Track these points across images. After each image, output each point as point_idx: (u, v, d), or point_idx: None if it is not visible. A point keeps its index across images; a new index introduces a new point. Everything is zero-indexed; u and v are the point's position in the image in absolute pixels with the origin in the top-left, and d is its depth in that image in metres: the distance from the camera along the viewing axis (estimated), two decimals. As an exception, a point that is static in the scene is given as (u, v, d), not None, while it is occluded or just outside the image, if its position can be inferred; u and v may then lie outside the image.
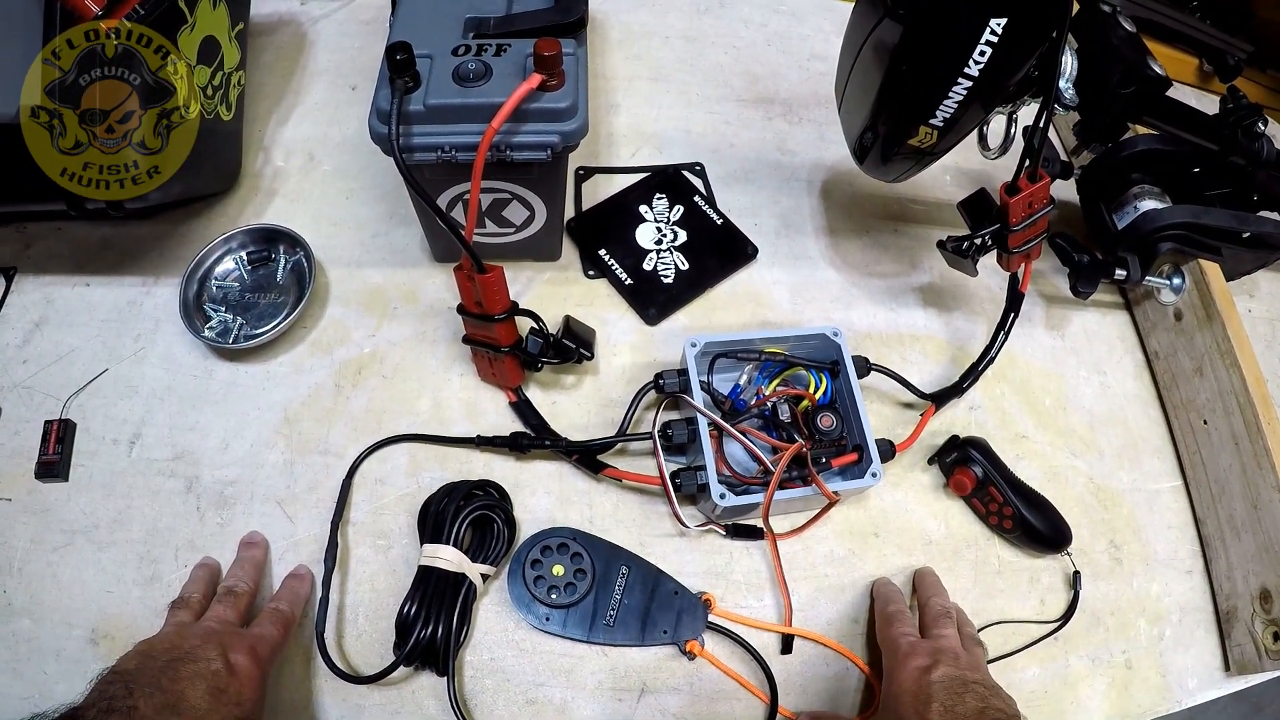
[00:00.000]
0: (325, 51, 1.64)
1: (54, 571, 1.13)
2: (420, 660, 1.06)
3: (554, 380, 1.27)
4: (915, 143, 1.09)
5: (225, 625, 1.00)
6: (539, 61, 0.99)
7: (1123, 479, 1.32)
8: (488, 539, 1.11)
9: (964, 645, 1.04)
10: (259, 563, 1.12)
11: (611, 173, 1.49)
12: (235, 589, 1.06)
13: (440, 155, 1.04)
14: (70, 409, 1.23)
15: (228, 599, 1.04)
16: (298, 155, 1.49)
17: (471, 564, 1.07)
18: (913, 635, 1.05)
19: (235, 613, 1.03)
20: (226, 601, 1.04)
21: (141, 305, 1.32)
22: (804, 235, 1.46)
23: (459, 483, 1.15)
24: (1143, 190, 1.38)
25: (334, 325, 1.31)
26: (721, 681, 1.10)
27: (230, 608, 1.03)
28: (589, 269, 1.38)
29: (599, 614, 1.09)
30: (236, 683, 0.92)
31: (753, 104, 1.62)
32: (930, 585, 1.16)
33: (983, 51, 0.96)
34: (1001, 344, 1.28)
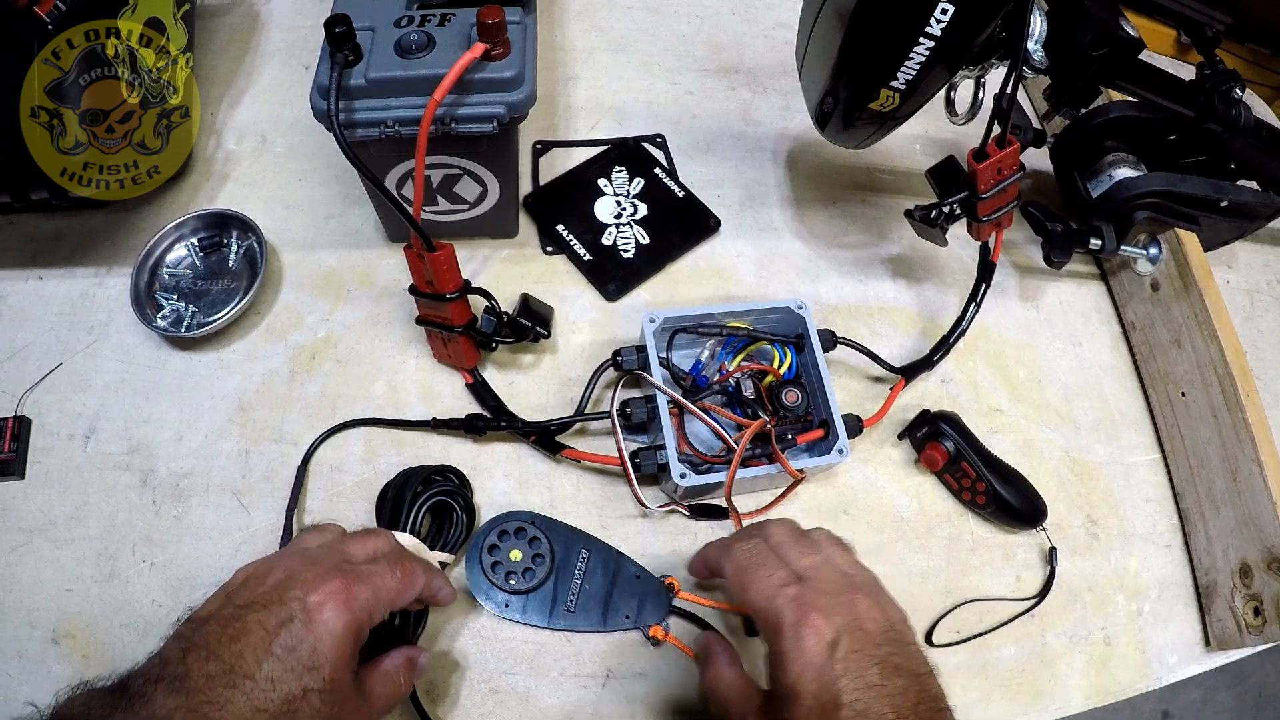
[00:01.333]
0: (278, 31, 1.61)
1: (13, 572, 1.12)
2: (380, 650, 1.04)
3: (511, 360, 1.26)
4: (877, 107, 1.07)
5: (330, 553, 0.86)
6: (482, 30, 0.97)
7: (1099, 452, 1.30)
8: (446, 526, 1.09)
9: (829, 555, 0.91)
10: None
11: (570, 146, 1.47)
12: (379, 531, 0.96)
13: (383, 130, 1.02)
14: (25, 405, 1.21)
15: (363, 533, 0.93)
16: (250, 138, 1.46)
17: (430, 551, 1.05)
18: (790, 582, 0.85)
19: (358, 546, 0.89)
20: (358, 535, 0.92)
21: (94, 296, 1.30)
22: (769, 206, 1.44)
23: (417, 468, 1.14)
24: (1117, 158, 1.37)
25: (287, 310, 1.29)
26: (688, 665, 1.08)
27: (357, 542, 0.89)
28: (547, 245, 1.36)
29: (559, 599, 1.07)
30: (311, 637, 0.76)
31: (716, 74, 1.60)
32: (758, 525, 0.99)
33: (944, 9, 0.93)
34: (973, 315, 1.26)
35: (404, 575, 0.86)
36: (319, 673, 0.74)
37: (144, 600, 1.10)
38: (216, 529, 1.14)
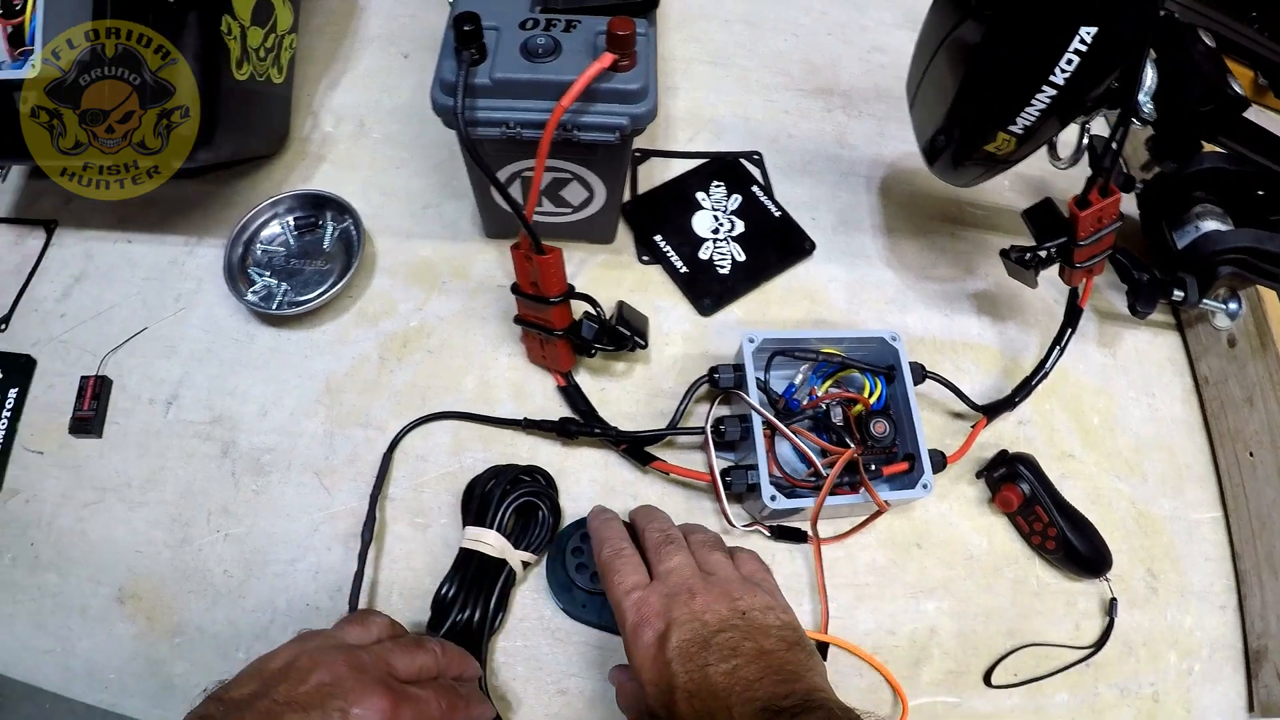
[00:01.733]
0: (377, 17, 1.62)
1: (83, 528, 1.13)
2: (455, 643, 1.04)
3: (604, 366, 1.26)
4: (992, 149, 1.07)
5: (379, 666, 0.83)
6: (612, 40, 0.96)
7: (1164, 506, 1.29)
8: (531, 526, 1.09)
9: (700, 558, 0.96)
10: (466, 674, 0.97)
11: (669, 156, 1.47)
12: (425, 643, 0.92)
13: (505, 131, 1.02)
14: (107, 366, 1.23)
15: (410, 645, 0.90)
16: (348, 122, 1.47)
17: (514, 550, 1.06)
18: (638, 587, 0.91)
19: (406, 660, 0.86)
20: (404, 646, 0.89)
21: (184, 265, 1.31)
22: (861, 232, 1.44)
23: (506, 466, 1.14)
24: (1205, 210, 1.36)
25: (380, 296, 1.30)
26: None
27: (404, 654, 0.87)
28: (643, 254, 1.36)
29: None
30: None
31: (812, 94, 1.60)
32: (644, 514, 1.05)
33: (1070, 60, 0.94)
34: (1056, 359, 1.26)
35: (449, 707, 0.86)
36: None
37: (215, 570, 1.11)
38: (295, 507, 1.14)
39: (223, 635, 1.07)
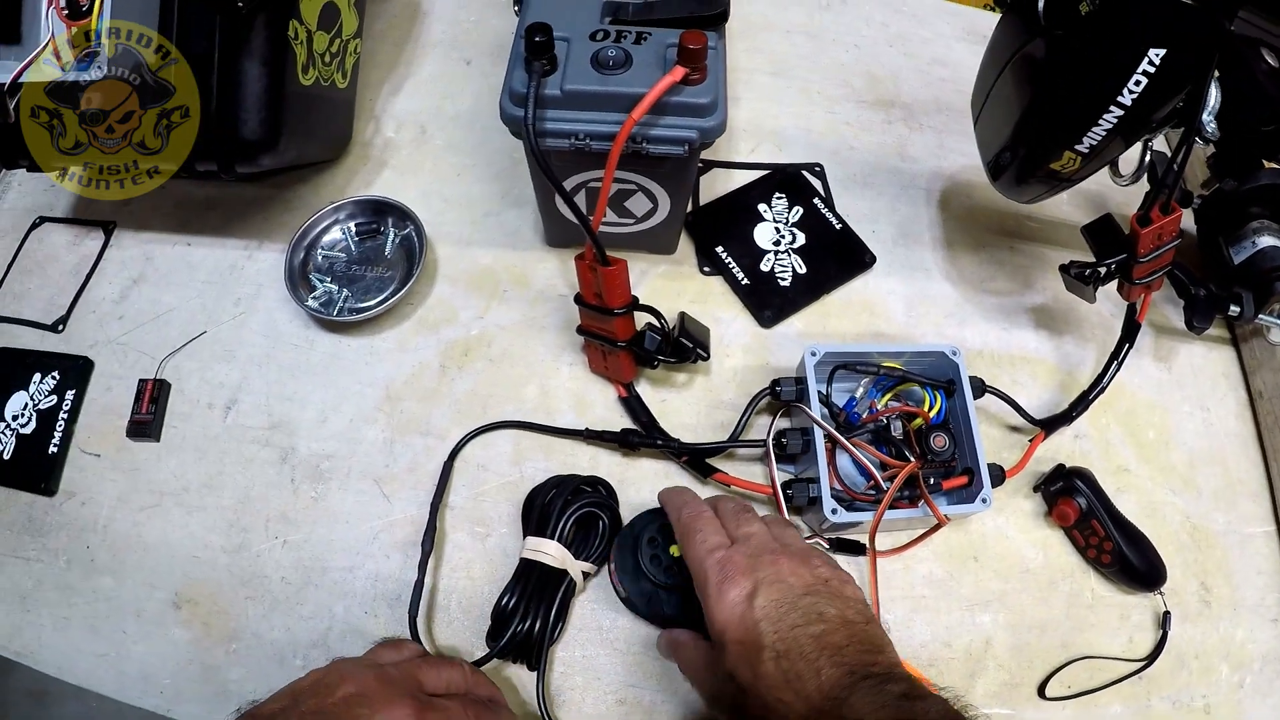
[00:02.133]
0: (439, 23, 1.62)
1: (140, 532, 1.14)
2: (514, 653, 1.04)
3: (665, 378, 1.25)
4: (1057, 167, 1.07)
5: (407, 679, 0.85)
6: (683, 54, 0.96)
7: (1218, 520, 1.28)
8: (591, 537, 1.09)
9: (773, 531, 0.96)
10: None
11: (731, 168, 1.47)
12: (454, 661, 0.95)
13: (574, 142, 1.02)
14: (165, 369, 1.23)
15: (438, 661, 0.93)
16: (409, 127, 1.47)
17: (575, 561, 1.05)
18: (721, 546, 0.92)
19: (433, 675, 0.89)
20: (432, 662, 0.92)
21: (243, 269, 1.31)
22: (921, 246, 1.43)
23: (568, 477, 1.14)
24: (1262, 225, 1.35)
25: (441, 304, 1.30)
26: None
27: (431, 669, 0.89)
28: (704, 265, 1.36)
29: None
30: None
31: (873, 106, 1.59)
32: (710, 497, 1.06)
33: (1138, 81, 0.94)
34: (1114, 374, 1.26)
35: (475, 718, 0.86)
36: None
37: (273, 576, 1.11)
38: (355, 514, 1.15)
39: (279, 642, 1.07)
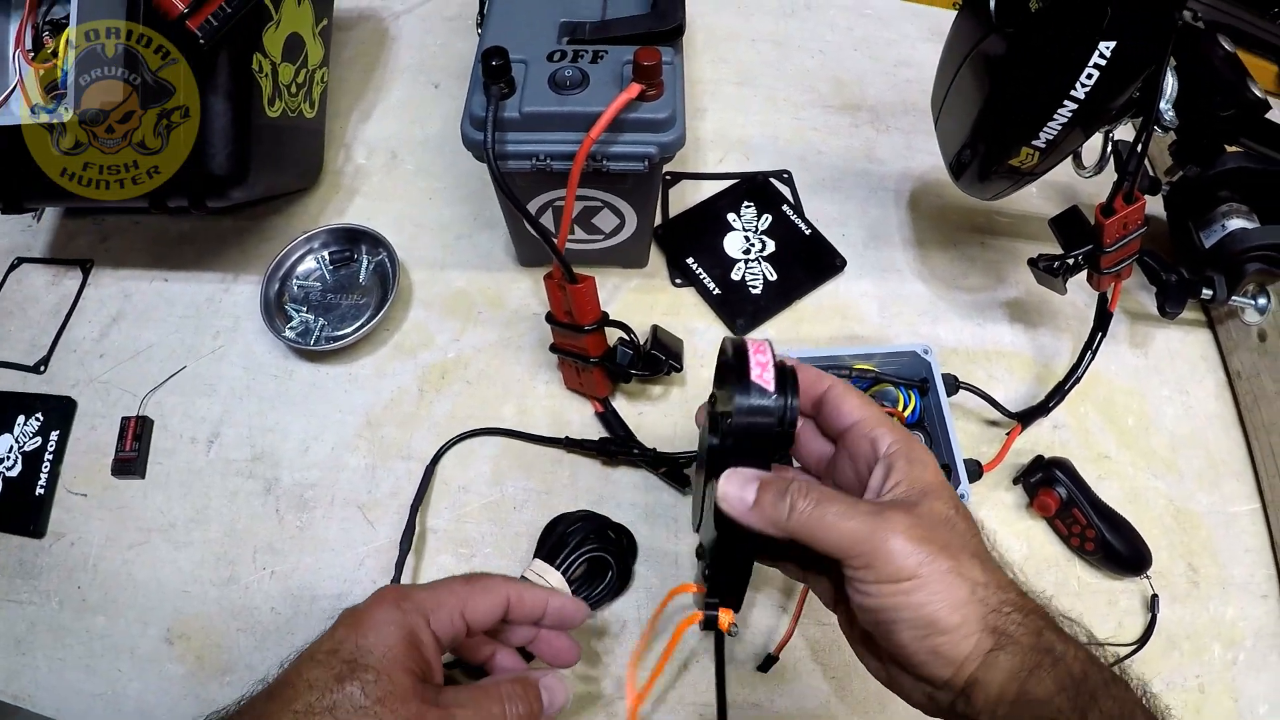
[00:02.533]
0: (407, 48, 1.63)
1: (129, 569, 1.14)
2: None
3: (641, 390, 1.26)
4: (1016, 163, 1.07)
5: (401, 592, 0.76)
6: (638, 71, 0.97)
7: (1202, 501, 1.29)
8: (596, 581, 1.09)
9: None
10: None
11: (699, 179, 1.48)
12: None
13: (535, 163, 1.03)
14: (147, 406, 1.24)
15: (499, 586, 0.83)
16: (380, 153, 1.48)
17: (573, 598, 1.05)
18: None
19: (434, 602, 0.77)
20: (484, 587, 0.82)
21: (220, 302, 1.32)
22: (892, 247, 1.44)
23: (596, 515, 1.13)
24: (1231, 208, 1.35)
25: (417, 328, 1.31)
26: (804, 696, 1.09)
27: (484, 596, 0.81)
28: (676, 277, 1.37)
29: None
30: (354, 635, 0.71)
31: (839, 110, 1.60)
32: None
33: (1090, 74, 0.95)
34: (1088, 364, 1.26)
35: (478, 586, 0.81)
36: (363, 670, 0.68)
37: (263, 607, 1.11)
38: (340, 542, 1.15)
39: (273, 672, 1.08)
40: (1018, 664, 0.62)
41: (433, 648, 0.74)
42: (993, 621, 0.63)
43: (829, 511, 0.65)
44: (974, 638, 0.62)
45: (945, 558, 0.63)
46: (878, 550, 0.63)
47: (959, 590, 0.63)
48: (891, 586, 0.63)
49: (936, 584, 0.63)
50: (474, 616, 0.79)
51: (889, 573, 0.63)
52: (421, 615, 0.74)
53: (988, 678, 0.62)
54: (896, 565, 0.63)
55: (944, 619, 0.62)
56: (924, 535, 0.64)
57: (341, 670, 0.68)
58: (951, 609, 0.62)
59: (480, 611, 0.79)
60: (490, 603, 0.80)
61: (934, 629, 0.62)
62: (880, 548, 0.63)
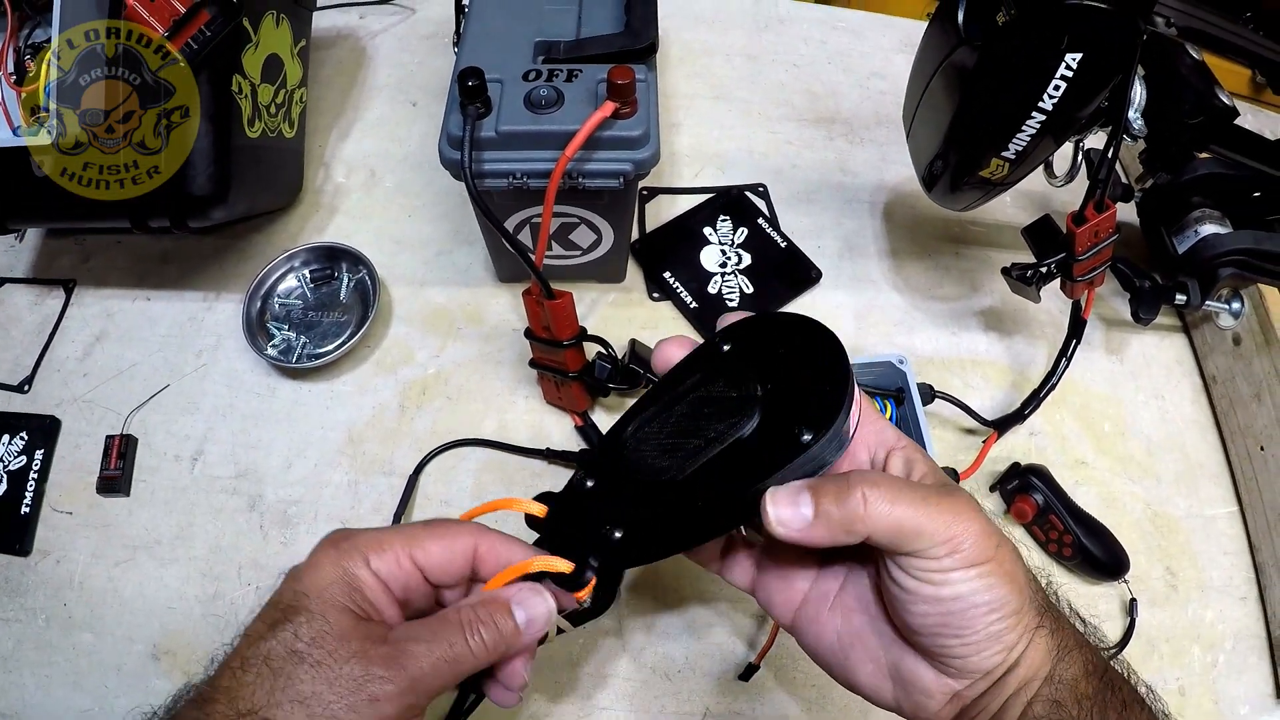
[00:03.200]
0: (385, 66, 1.65)
1: (115, 586, 1.14)
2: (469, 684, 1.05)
3: (620, 404, 1.27)
4: (986, 174, 1.09)
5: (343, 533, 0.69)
6: (612, 89, 0.98)
7: (1180, 505, 1.30)
8: None
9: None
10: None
11: (675, 193, 1.49)
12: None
13: (511, 182, 1.04)
14: (131, 424, 1.24)
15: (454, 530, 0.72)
16: (359, 172, 1.50)
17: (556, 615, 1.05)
18: None
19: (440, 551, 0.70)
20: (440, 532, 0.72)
21: (203, 321, 1.33)
22: (867, 258, 1.45)
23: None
24: (1204, 214, 1.36)
25: (397, 345, 1.32)
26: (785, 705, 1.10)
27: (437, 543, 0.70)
28: (653, 291, 1.38)
29: None
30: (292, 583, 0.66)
31: (814, 123, 1.61)
32: None
33: (1057, 86, 0.96)
34: (1063, 371, 1.27)
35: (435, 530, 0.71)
36: (295, 614, 0.62)
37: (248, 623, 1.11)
38: (324, 557, 1.15)
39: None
40: (1055, 643, 0.63)
41: (376, 588, 0.66)
42: (1039, 600, 0.64)
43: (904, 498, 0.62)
44: (1029, 614, 0.63)
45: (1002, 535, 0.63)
46: (967, 532, 0.61)
47: (1022, 566, 0.64)
48: (975, 570, 0.61)
49: (1009, 562, 0.63)
50: (428, 563, 0.69)
51: (974, 554, 0.61)
52: (360, 554, 0.66)
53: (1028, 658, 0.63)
54: (982, 546, 0.61)
55: (1014, 598, 0.62)
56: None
57: (276, 617, 0.63)
58: (1020, 587, 0.62)
59: (436, 558, 0.69)
60: (448, 549, 0.70)
61: (1006, 608, 0.62)
62: (968, 529, 0.61)
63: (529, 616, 0.69)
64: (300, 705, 0.58)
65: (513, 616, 0.68)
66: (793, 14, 1.79)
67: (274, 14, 1.28)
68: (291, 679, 0.59)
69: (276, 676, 0.59)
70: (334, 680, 0.59)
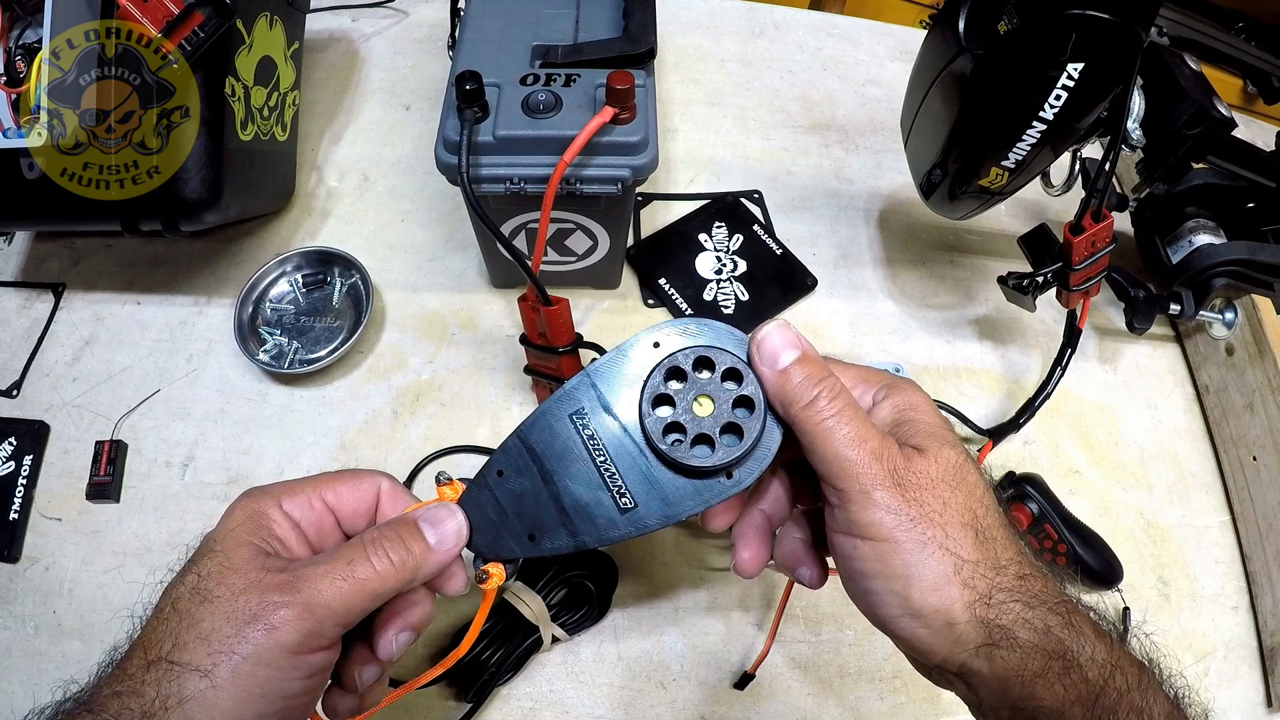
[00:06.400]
0: (378, 70, 1.64)
1: (105, 593, 1.13)
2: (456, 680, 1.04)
3: (616, 409, 1.25)
4: (985, 183, 1.09)
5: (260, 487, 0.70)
6: (611, 94, 0.97)
7: (1172, 514, 1.30)
8: (574, 607, 1.09)
9: None
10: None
11: (670, 199, 1.49)
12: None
13: (509, 187, 1.03)
14: (121, 430, 1.23)
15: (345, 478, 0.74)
16: (352, 176, 1.49)
17: (550, 622, 1.06)
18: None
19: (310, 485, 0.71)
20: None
21: (194, 325, 1.32)
22: (862, 266, 1.45)
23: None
24: (1198, 224, 1.37)
25: (390, 350, 1.31)
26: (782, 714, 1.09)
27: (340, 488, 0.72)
28: (648, 298, 1.37)
29: None
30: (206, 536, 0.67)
31: (809, 130, 1.61)
32: None
33: (1059, 95, 0.96)
34: (1058, 380, 1.27)
35: (345, 473, 0.73)
36: (203, 557, 0.64)
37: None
38: (315, 564, 1.14)
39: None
40: (1018, 664, 0.58)
41: (285, 525, 0.67)
42: (981, 612, 0.58)
43: (843, 426, 0.60)
44: (958, 628, 0.58)
45: (928, 525, 0.59)
46: (862, 492, 0.59)
47: (938, 565, 0.58)
48: (863, 543, 0.59)
49: (911, 554, 0.58)
50: (339, 503, 0.71)
51: (861, 521, 0.59)
52: (273, 498, 0.68)
53: (986, 671, 0.59)
54: (869, 517, 0.59)
55: (916, 599, 0.58)
56: (915, 496, 0.60)
57: (187, 565, 0.65)
58: (927, 588, 0.58)
59: (346, 498, 0.71)
60: (355, 489, 0.72)
61: (907, 607, 0.59)
62: (863, 490, 0.59)
63: (439, 535, 0.68)
64: (202, 642, 0.58)
65: (422, 535, 0.68)
66: (787, 20, 1.79)
67: (267, 16, 1.27)
68: (195, 618, 0.59)
69: (181, 618, 0.60)
70: (231, 614, 0.59)
